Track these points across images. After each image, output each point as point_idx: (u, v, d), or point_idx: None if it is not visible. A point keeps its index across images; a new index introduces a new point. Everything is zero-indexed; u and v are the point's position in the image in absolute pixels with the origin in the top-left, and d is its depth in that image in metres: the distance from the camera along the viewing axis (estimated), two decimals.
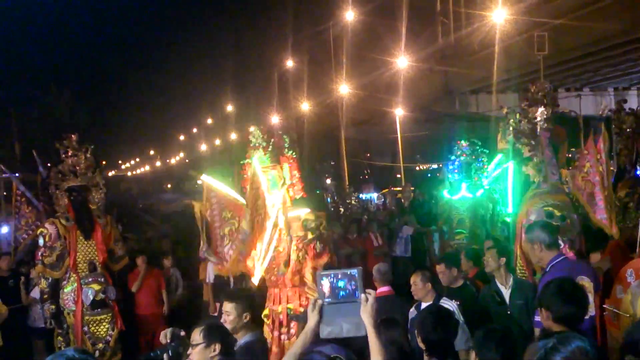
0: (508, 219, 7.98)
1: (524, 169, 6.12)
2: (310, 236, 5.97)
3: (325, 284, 2.84)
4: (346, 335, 3.06)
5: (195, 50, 47.97)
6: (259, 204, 5.77)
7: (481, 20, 20.22)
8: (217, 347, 3.64)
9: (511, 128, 6.16)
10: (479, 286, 6.16)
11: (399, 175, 24.44)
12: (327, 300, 2.84)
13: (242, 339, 4.24)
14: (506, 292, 5.61)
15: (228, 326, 4.12)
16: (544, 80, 7.19)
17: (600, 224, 5.80)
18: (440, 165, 10.46)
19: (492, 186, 9.14)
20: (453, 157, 9.48)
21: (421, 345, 3.77)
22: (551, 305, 3.47)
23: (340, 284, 2.84)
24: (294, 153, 6.17)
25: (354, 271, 2.84)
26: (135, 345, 8.18)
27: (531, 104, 6.14)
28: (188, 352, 3.64)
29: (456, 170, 9.41)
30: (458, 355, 4.06)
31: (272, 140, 6.13)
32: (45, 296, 7.03)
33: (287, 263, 6.01)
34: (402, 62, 22.19)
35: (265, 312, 6.21)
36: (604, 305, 5.04)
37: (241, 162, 6.28)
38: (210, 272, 8.68)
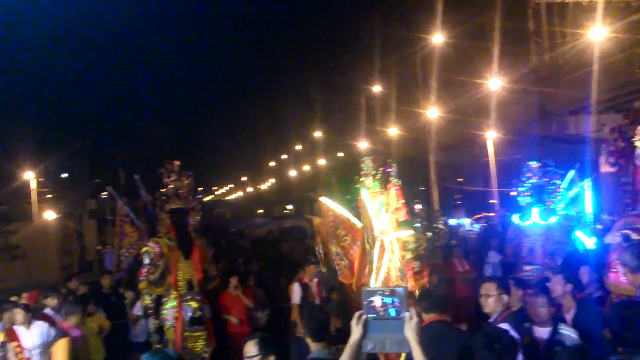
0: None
1: None
2: (409, 256, 6.16)
3: (371, 301, 2.93)
4: (389, 350, 3.22)
5: (284, 78, 49.34)
6: (368, 226, 6.12)
7: (578, 39, 19.53)
8: (272, 358, 3.79)
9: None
10: None
11: (493, 201, 23.78)
12: (371, 315, 2.93)
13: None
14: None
15: None
16: None
17: None
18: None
19: (568, 210, 8.52)
20: (523, 179, 8.91)
21: None
22: (613, 326, 3.42)
23: (387, 301, 2.93)
24: (399, 180, 6.56)
25: (400, 290, 2.94)
26: None
27: (632, 122, 5.84)
28: None
29: (527, 194, 8.83)
30: None
31: (381, 168, 6.55)
32: (150, 311, 7.41)
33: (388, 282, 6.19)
34: (495, 83, 21.75)
35: None
36: None
37: (356, 187, 6.79)
38: (296, 294, 8.83)
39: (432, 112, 25.49)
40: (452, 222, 21.95)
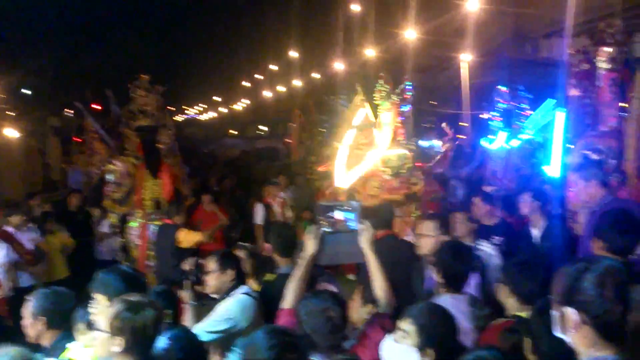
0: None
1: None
2: (388, 173, 6.37)
3: (329, 215, 2.97)
4: (345, 261, 3.39)
5: None
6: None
7: None
8: (231, 273, 3.96)
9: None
10: None
11: (464, 124, 23.87)
12: (326, 229, 3.00)
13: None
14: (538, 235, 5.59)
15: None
16: (616, 18, 6.76)
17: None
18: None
19: (536, 136, 8.64)
20: (494, 103, 9.09)
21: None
22: (605, 234, 3.49)
23: (347, 215, 3.04)
24: (396, 98, 6.58)
25: (355, 203, 3.06)
26: None
27: (597, 43, 5.87)
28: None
29: (497, 118, 9.02)
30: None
31: (391, 86, 6.55)
32: (116, 230, 7.39)
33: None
34: (473, 4, 21.25)
35: None
36: None
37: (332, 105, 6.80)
38: (259, 214, 8.92)
39: (410, 33, 24.96)
40: (424, 143, 22.02)
